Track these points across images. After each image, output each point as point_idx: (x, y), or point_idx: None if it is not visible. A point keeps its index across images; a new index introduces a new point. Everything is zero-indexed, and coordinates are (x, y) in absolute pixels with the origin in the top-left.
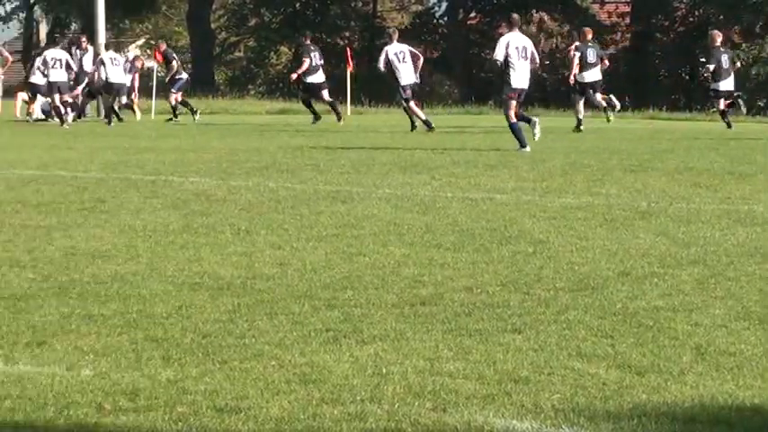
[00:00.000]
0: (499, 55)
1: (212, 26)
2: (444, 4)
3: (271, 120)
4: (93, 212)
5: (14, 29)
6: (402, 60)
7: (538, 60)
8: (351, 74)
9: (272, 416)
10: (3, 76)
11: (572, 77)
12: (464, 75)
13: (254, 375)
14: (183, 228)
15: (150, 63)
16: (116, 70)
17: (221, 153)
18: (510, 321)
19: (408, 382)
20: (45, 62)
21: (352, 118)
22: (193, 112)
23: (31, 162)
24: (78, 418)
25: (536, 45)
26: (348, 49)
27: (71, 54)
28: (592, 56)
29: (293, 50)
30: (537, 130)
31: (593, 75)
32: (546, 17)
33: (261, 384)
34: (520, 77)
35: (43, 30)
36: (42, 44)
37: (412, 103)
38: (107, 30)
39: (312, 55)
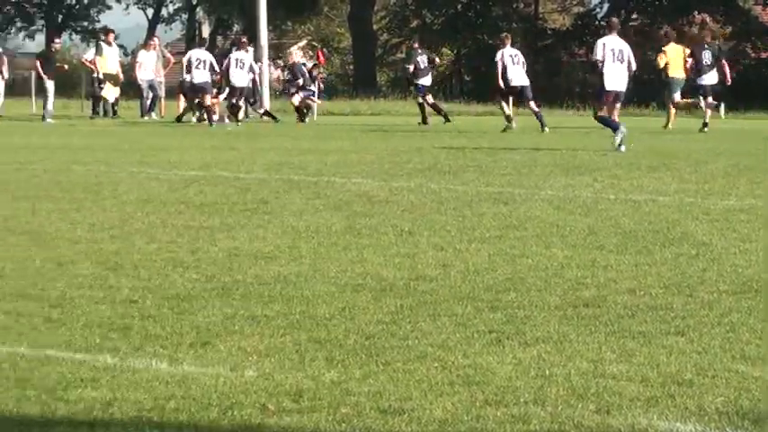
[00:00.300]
0: (598, 54)
1: (374, 27)
2: (606, 6)
3: (432, 121)
4: (256, 213)
5: (177, 30)
6: (515, 63)
7: (634, 65)
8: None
9: (435, 417)
10: (164, 78)
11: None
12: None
13: (418, 377)
14: (345, 229)
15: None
16: (239, 73)
17: (383, 154)
18: (673, 324)
19: (571, 384)
20: (189, 63)
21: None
22: (275, 120)
23: (193, 163)
24: (242, 418)
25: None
26: None
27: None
28: (708, 58)
29: (455, 51)
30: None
31: (711, 78)
32: (708, 18)
33: (424, 386)
34: (613, 80)
35: (206, 31)
36: (205, 45)
37: (503, 104)
38: (269, 31)
39: (419, 59)
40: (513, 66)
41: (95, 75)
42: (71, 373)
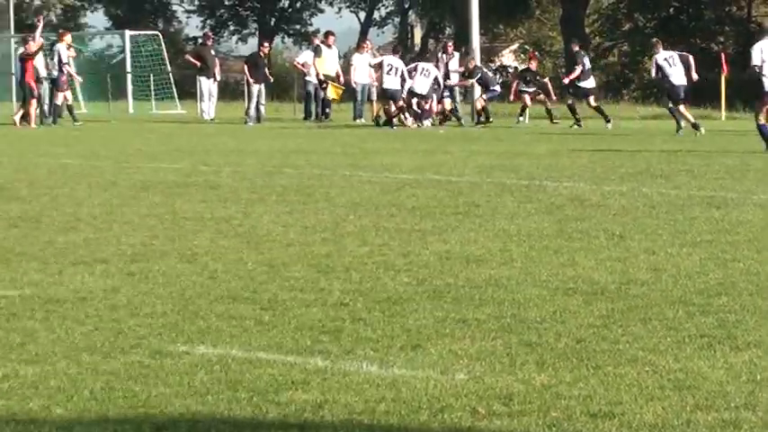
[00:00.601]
0: (756, 60)
1: (586, 30)
2: None
3: (645, 125)
4: (468, 216)
5: (389, 34)
6: (672, 65)
7: None
8: (725, 78)
9: (645, 422)
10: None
11: None
12: None
13: (628, 381)
14: (557, 232)
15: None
16: (421, 80)
17: (595, 158)
18: None
19: None
20: (380, 67)
21: (726, 123)
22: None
23: (405, 166)
24: (452, 421)
25: None
26: (723, 54)
27: (437, 59)
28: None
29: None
30: None
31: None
32: None
33: (635, 390)
34: None
35: (418, 34)
36: (416, 49)
37: (682, 107)
38: (480, 35)
39: (584, 60)
40: (672, 67)
41: (308, 77)
42: (282, 376)
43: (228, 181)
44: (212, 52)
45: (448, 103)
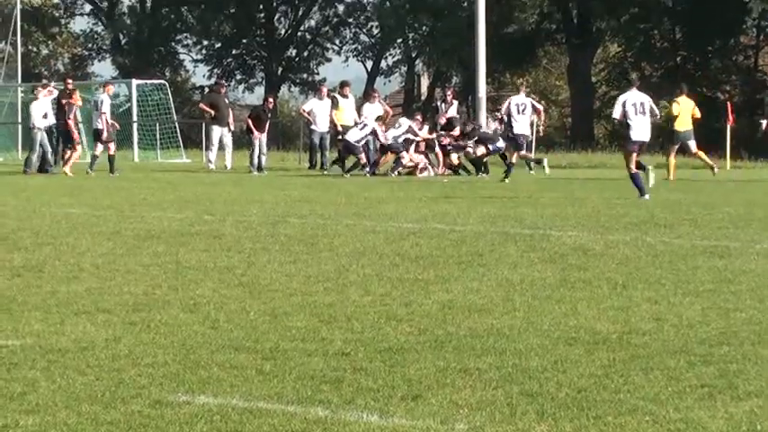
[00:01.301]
0: (616, 113)
1: (593, 79)
2: None
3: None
4: (471, 266)
5: (396, 82)
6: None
7: (658, 113)
8: (731, 127)
9: None
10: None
11: None
12: None
13: (629, 431)
14: (559, 282)
15: None
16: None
17: (599, 207)
18: None
19: None
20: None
21: (731, 172)
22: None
23: (409, 215)
24: None
25: None
26: (729, 103)
27: (437, 108)
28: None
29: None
30: (651, 176)
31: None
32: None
33: None
34: (638, 131)
35: (425, 83)
36: (423, 97)
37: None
38: (487, 83)
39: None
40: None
41: (313, 126)
42: (282, 426)
43: (232, 230)
44: (226, 101)
45: (455, 158)
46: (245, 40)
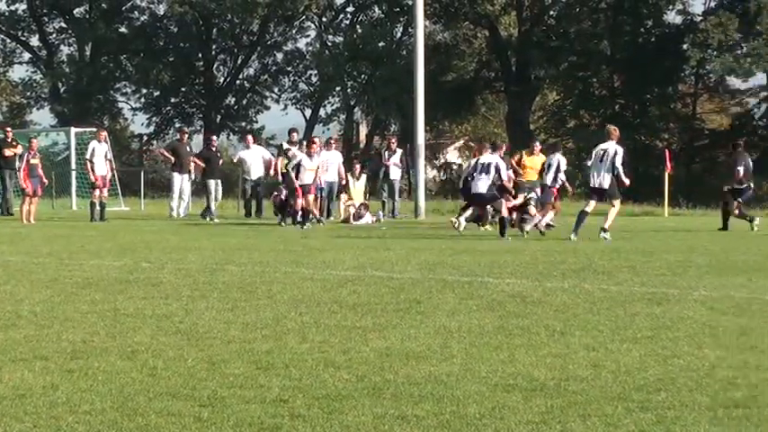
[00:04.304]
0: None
1: (531, 127)
2: (764, 106)
3: (593, 221)
4: (409, 313)
5: (334, 130)
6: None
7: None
8: (669, 175)
9: None
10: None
11: None
12: None
13: None
14: (497, 329)
15: None
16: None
17: (537, 255)
18: None
19: None
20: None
21: (669, 219)
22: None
23: (347, 263)
24: None
25: None
26: (667, 150)
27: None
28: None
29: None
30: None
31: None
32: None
33: None
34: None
35: (363, 131)
36: (361, 146)
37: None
38: (426, 131)
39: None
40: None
41: (245, 175)
42: None
43: (170, 278)
44: (188, 149)
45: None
46: (183, 89)
